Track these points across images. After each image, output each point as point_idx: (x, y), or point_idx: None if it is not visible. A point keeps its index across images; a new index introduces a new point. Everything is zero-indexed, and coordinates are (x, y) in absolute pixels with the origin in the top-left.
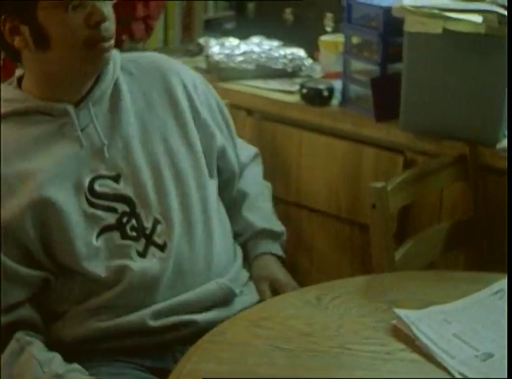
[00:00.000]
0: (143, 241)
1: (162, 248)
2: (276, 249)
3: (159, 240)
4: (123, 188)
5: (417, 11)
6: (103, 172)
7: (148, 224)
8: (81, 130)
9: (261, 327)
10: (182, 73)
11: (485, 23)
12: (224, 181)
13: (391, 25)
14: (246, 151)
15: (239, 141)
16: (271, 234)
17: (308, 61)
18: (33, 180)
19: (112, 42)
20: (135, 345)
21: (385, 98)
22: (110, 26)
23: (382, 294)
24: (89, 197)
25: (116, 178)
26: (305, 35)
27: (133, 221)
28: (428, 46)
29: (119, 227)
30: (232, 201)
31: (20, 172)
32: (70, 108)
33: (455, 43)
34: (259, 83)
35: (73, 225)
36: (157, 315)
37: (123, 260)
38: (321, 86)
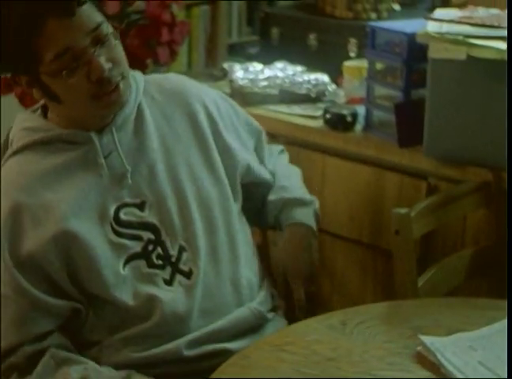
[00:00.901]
0: (169, 269)
1: (188, 275)
2: (308, 218)
3: (185, 267)
4: (148, 215)
5: (441, 37)
6: (128, 200)
7: (173, 252)
8: (105, 157)
9: (286, 351)
10: (204, 95)
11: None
12: (261, 192)
13: (415, 51)
14: (273, 157)
15: (267, 147)
16: (301, 203)
17: (332, 87)
18: (57, 211)
19: (121, 86)
20: (168, 373)
21: (409, 124)
22: (114, 73)
23: (407, 320)
24: (115, 226)
25: (141, 206)
26: (329, 60)
27: (159, 249)
28: (452, 72)
29: (145, 255)
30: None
31: (43, 203)
32: (93, 135)
33: (479, 70)
34: (283, 108)
35: (100, 255)
36: (192, 344)
37: (151, 289)
38: (345, 111)
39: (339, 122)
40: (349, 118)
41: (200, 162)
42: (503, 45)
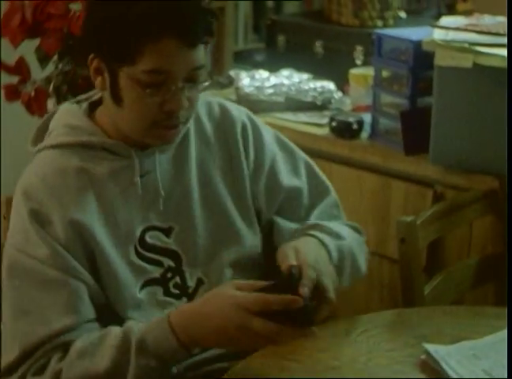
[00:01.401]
0: (184, 300)
1: None
2: (325, 238)
3: None
4: (173, 243)
5: (448, 45)
6: (156, 223)
7: (191, 283)
8: (143, 176)
9: (289, 360)
10: (245, 124)
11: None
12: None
13: (421, 59)
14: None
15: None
16: (322, 229)
17: (338, 94)
18: (86, 220)
19: (180, 128)
20: None
21: (415, 131)
22: (183, 114)
23: (411, 328)
24: (139, 248)
25: (167, 231)
26: (335, 68)
27: (177, 278)
28: (458, 80)
29: (163, 282)
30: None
31: (71, 206)
32: (135, 153)
33: (485, 77)
34: (289, 115)
35: (120, 274)
36: (192, 367)
37: None
38: (351, 119)
39: (345, 130)
40: (355, 126)
41: (233, 196)
42: None
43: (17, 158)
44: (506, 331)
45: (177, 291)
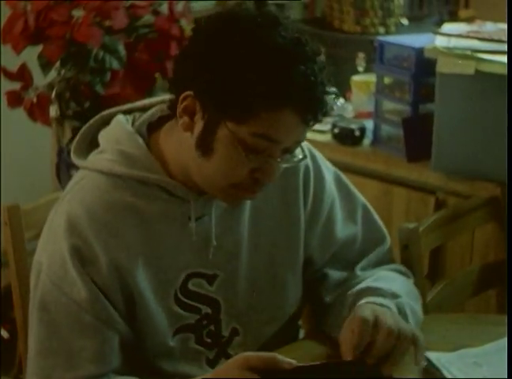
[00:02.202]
0: (216, 350)
1: None
2: (388, 303)
3: (232, 352)
4: (215, 291)
5: (450, 52)
6: (201, 270)
7: (225, 333)
8: (196, 220)
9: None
10: (307, 168)
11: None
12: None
13: (423, 66)
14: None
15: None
16: (376, 292)
17: (340, 101)
18: (129, 264)
19: (254, 197)
20: None
21: (417, 138)
22: (267, 186)
23: None
24: (179, 294)
25: (211, 279)
26: (337, 74)
27: (212, 326)
28: (460, 87)
29: (197, 329)
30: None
31: (119, 253)
32: (194, 197)
33: (487, 84)
34: None
35: (156, 320)
36: None
37: (191, 368)
38: (353, 126)
39: (347, 137)
40: (357, 133)
41: (285, 246)
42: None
43: (18, 165)
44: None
45: (209, 340)
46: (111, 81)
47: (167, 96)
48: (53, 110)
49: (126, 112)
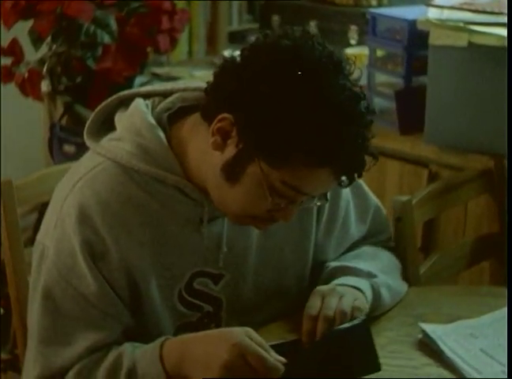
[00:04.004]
0: None
1: None
2: (356, 281)
3: None
4: (220, 291)
5: (442, 24)
6: (208, 269)
7: None
8: (208, 221)
9: (286, 339)
10: None
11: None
12: None
13: (416, 38)
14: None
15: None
16: (351, 271)
17: None
18: (139, 260)
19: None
20: None
21: (410, 111)
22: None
23: (408, 308)
24: (183, 292)
25: (217, 279)
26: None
27: (213, 325)
28: (453, 59)
29: (197, 327)
30: None
31: (130, 249)
32: (207, 200)
33: (480, 56)
34: None
35: (160, 317)
36: None
37: None
38: None
39: None
40: None
41: (294, 250)
42: (504, 31)
43: (10, 140)
44: (502, 310)
45: None
46: (103, 56)
47: (189, 84)
48: (44, 85)
49: (145, 96)
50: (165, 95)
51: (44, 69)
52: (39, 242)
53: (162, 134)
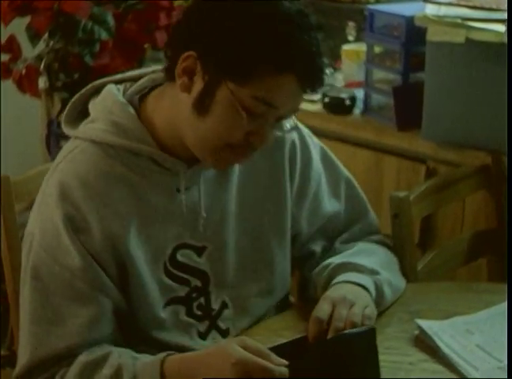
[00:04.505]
0: (206, 323)
1: (224, 334)
2: (360, 278)
3: (222, 325)
4: (204, 263)
5: (440, 20)
6: (190, 241)
7: (215, 306)
8: (184, 190)
9: (283, 336)
10: (294, 143)
11: (506, 33)
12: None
13: (413, 34)
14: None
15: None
16: (354, 268)
17: (330, 70)
18: (122, 232)
19: (246, 157)
20: None
21: (408, 107)
22: (256, 149)
23: (405, 304)
24: (168, 265)
25: (200, 251)
26: (327, 44)
27: (202, 299)
28: (451, 55)
29: (187, 301)
30: None
31: (112, 221)
32: (183, 168)
33: (478, 53)
34: None
35: (148, 290)
36: None
37: (183, 339)
38: (344, 95)
39: (337, 106)
40: (348, 102)
41: (271, 219)
42: (502, 27)
43: (8, 136)
44: (498, 306)
45: (200, 313)
46: (100, 52)
47: (158, 67)
48: (42, 82)
49: (117, 82)
50: (135, 79)
51: (42, 66)
52: (27, 231)
53: (132, 110)
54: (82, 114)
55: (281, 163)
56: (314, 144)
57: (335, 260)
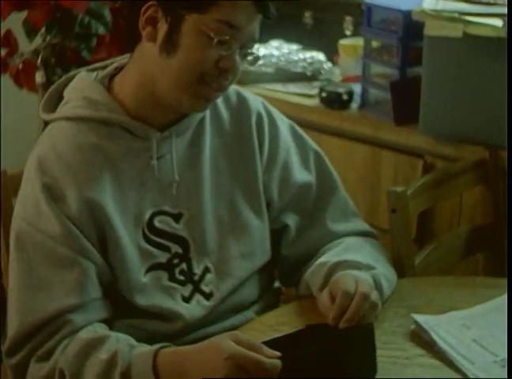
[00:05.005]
0: (190, 287)
1: (208, 296)
2: (360, 275)
3: (206, 288)
4: (181, 229)
5: (437, 15)
6: (166, 208)
7: (197, 271)
8: (158, 159)
9: (279, 331)
10: (260, 115)
11: (505, 26)
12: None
13: (411, 29)
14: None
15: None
16: (351, 265)
17: (327, 65)
18: (99, 198)
19: (222, 92)
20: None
21: (405, 101)
22: (228, 83)
23: (402, 299)
24: (146, 231)
25: (177, 217)
26: (324, 38)
27: (184, 265)
28: (448, 50)
29: (168, 267)
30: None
31: (88, 188)
32: (154, 134)
33: (475, 47)
34: (278, 86)
35: (128, 256)
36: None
37: (167, 303)
38: (341, 90)
39: (335, 101)
40: (345, 97)
41: (243, 186)
42: (499, 22)
43: (5, 131)
44: (495, 301)
45: (182, 278)
46: (97, 47)
47: (126, 55)
48: (39, 76)
49: (90, 71)
50: (106, 67)
51: (38, 60)
52: (13, 217)
53: (102, 87)
54: (59, 103)
55: (249, 133)
56: (282, 119)
57: (329, 258)
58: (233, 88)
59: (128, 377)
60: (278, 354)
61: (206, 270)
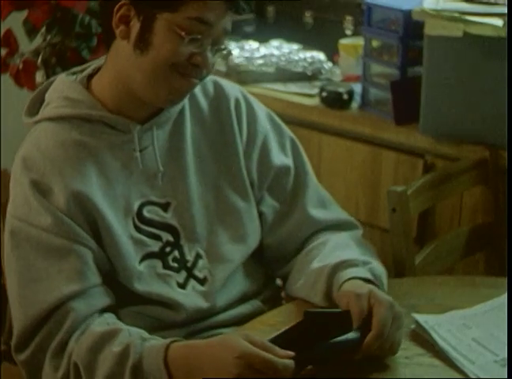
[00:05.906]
0: (184, 273)
1: (202, 282)
2: (364, 272)
3: (199, 274)
4: (170, 217)
5: (438, 14)
6: (153, 198)
7: (190, 257)
8: (140, 151)
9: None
10: (238, 100)
11: (506, 26)
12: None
13: (411, 28)
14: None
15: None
16: (350, 264)
17: (328, 65)
18: (87, 191)
19: (194, 85)
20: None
21: (405, 101)
22: (202, 76)
23: (402, 298)
24: (137, 221)
25: (165, 206)
26: (325, 38)
27: (176, 252)
28: (449, 49)
29: (162, 256)
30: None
31: (75, 181)
32: (135, 127)
33: (476, 47)
34: (279, 86)
35: (123, 244)
36: (191, 333)
37: (163, 289)
38: (341, 89)
39: (335, 100)
40: (345, 96)
41: (227, 172)
42: (500, 22)
43: (5, 130)
44: (495, 300)
45: (175, 265)
46: (98, 46)
47: (103, 57)
48: (39, 76)
49: (69, 74)
50: (85, 70)
51: (39, 60)
52: (6, 221)
53: (82, 87)
54: (41, 107)
55: (229, 118)
56: (260, 106)
57: (324, 262)
58: (210, 78)
59: (139, 370)
60: (291, 354)
61: (198, 256)
